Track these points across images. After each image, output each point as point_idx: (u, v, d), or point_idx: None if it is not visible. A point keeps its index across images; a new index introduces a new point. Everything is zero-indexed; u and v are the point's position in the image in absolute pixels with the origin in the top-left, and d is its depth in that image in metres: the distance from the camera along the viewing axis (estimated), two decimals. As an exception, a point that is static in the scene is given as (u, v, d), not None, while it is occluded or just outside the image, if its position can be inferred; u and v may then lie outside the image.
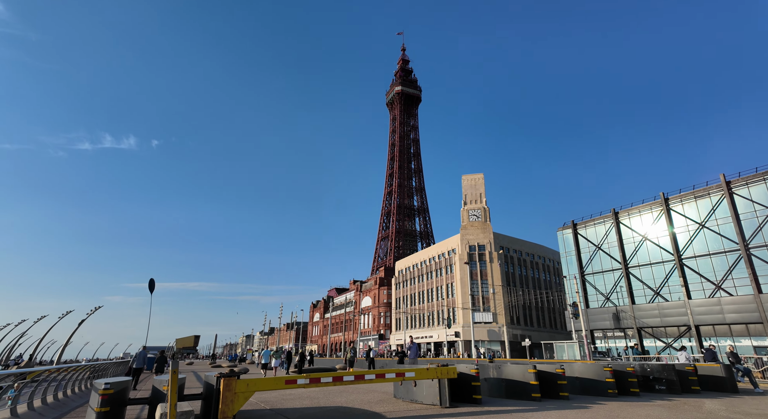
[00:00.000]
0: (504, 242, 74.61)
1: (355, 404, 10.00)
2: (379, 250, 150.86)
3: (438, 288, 77.13)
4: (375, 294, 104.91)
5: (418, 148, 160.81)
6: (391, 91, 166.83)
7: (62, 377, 13.55)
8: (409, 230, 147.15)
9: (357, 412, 8.63)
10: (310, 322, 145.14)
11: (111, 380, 7.45)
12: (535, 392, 9.70)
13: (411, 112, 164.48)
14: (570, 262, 52.78)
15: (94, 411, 6.86)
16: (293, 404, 10.26)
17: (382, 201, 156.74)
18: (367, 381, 8.13)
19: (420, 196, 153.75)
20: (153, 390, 7.86)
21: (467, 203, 77.96)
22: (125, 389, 7.77)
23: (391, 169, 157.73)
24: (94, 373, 18.88)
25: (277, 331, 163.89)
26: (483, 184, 79.04)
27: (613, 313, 45.73)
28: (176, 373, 5.67)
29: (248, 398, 7.46)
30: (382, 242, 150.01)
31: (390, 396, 11.09)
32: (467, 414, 8.13)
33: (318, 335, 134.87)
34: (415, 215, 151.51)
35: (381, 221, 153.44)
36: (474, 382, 9.34)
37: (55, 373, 12.48)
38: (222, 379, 7.35)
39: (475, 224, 75.01)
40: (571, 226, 53.65)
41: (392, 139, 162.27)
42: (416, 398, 9.71)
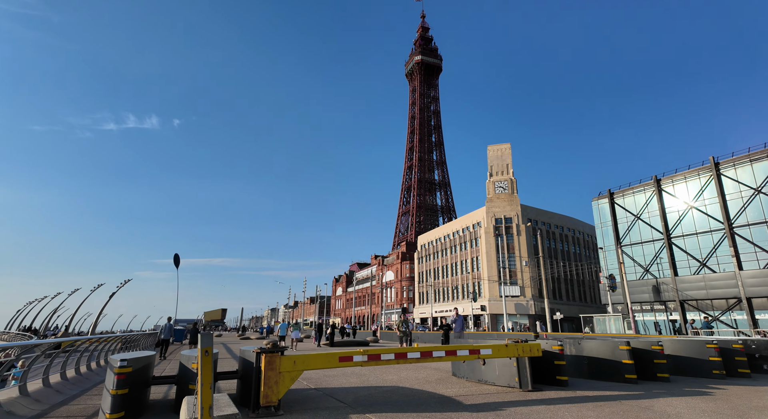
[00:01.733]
0: (532, 214, 72.01)
1: (412, 383, 8.62)
2: (399, 225, 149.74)
3: (463, 262, 75.66)
4: (397, 268, 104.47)
5: (439, 121, 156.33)
6: (410, 61, 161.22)
7: (93, 347, 13.11)
8: (431, 205, 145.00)
9: (422, 396, 7.20)
10: (332, 296, 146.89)
11: (129, 355, 6.15)
12: (629, 372, 8.07)
13: (431, 83, 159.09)
14: (606, 233, 50.18)
15: (110, 393, 5.58)
16: (339, 382, 8.96)
17: (403, 175, 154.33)
18: (436, 358, 6.63)
19: (441, 169, 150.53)
20: (180, 368, 6.57)
21: (493, 175, 75.20)
22: (147, 366, 6.48)
23: (411, 142, 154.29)
24: (126, 344, 18.26)
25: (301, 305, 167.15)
26: (510, 154, 75.87)
27: (653, 286, 43.40)
28: (209, 356, 4.24)
29: (295, 379, 6.07)
30: (403, 217, 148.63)
31: (448, 375, 9.69)
32: (561, 400, 6.59)
33: (341, 309, 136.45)
34: (437, 189, 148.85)
35: (401, 196, 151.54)
36: (557, 361, 7.77)
37: (86, 344, 12.05)
38: (263, 356, 5.96)
39: (502, 196, 72.44)
40: (607, 196, 50.73)
41: (412, 112, 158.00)
42: (485, 378, 8.23)
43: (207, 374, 4.29)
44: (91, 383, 9.98)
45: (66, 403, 7.34)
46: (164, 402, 7.17)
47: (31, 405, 6.75)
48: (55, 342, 8.61)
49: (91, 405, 7.03)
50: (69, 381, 9.11)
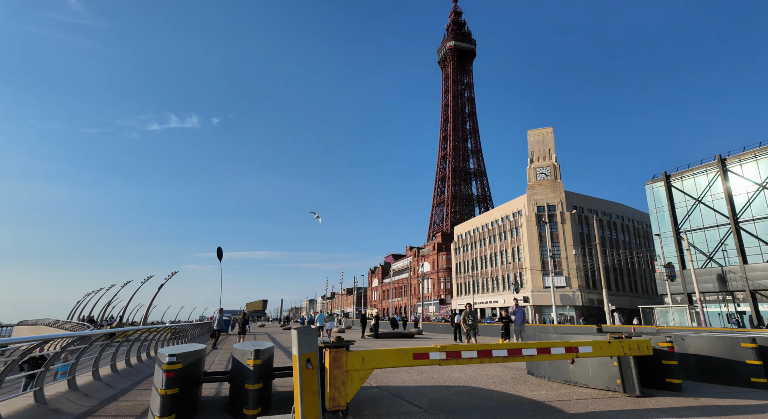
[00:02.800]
0: (577, 201, 68.50)
1: (485, 382, 7.60)
2: (434, 216, 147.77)
3: (503, 252, 73.30)
4: (434, 259, 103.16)
5: (474, 108, 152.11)
6: (443, 48, 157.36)
7: (144, 337, 13.03)
8: (466, 194, 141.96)
9: (508, 400, 6.16)
10: (369, 288, 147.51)
11: (178, 349, 5.47)
12: (756, 375, 6.67)
13: (465, 69, 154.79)
14: (662, 219, 46.70)
15: (159, 393, 4.90)
16: (402, 379, 8.06)
17: (437, 165, 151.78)
18: (526, 357, 5.56)
19: (476, 158, 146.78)
20: (233, 363, 5.85)
21: (534, 161, 72.04)
22: (198, 361, 5.80)
23: (445, 131, 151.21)
24: (175, 335, 18.28)
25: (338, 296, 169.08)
26: (552, 139, 72.35)
27: (717, 274, 39.94)
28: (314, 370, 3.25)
29: (365, 379, 5.17)
30: (438, 208, 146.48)
31: (522, 372, 8.60)
32: (687, 411, 5.35)
33: (377, 300, 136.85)
34: (472, 178, 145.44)
35: (436, 186, 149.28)
36: (667, 360, 6.50)
37: (137, 334, 11.91)
38: (327, 351, 5.09)
39: (544, 183, 69.29)
40: (662, 179, 47.11)
41: (445, 100, 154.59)
42: (574, 379, 7.07)
43: (310, 395, 3.28)
44: (142, 375, 9.63)
45: (115, 398, 6.86)
46: (216, 401, 6.52)
47: (79, 400, 6.28)
48: (107, 332, 8.26)
49: (141, 402, 6.49)
50: (119, 374, 8.74)
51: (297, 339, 2.86)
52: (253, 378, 5.20)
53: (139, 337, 12.50)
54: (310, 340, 2.89)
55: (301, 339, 2.92)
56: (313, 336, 2.80)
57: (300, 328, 2.78)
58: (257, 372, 5.24)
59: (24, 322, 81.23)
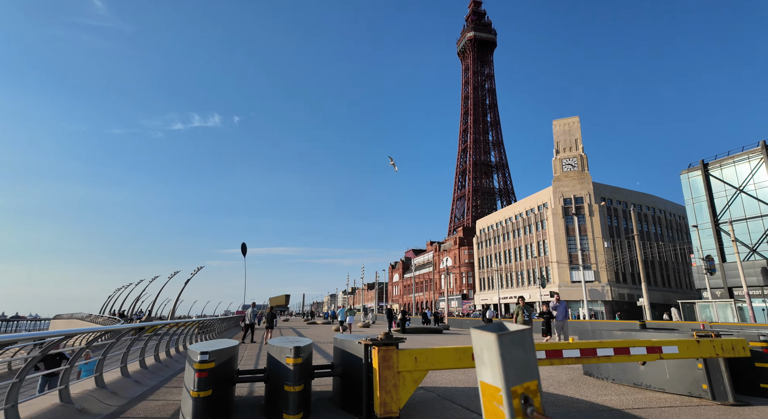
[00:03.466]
0: (605, 192, 66.14)
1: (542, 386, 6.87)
2: (455, 210, 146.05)
3: (527, 246, 71.59)
4: (455, 254, 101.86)
5: (495, 99, 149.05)
6: (462, 39, 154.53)
7: (173, 331, 12.84)
8: (487, 188, 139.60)
9: (579, 406, 5.43)
10: (389, 283, 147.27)
11: (211, 345, 4.95)
12: None
13: (485, 60, 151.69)
14: (699, 210, 44.43)
15: (191, 395, 4.39)
16: (447, 379, 7.41)
17: (457, 159, 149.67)
18: (602, 358, 4.81)
19: (498, 151, 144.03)
20: (270, 361, 5.31)
21: (560, 151, 69.88)
22: (232, 359, 5.28)
23: (465, 123, 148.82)
24: (202, 329, 18.14)
25: (359, 291, 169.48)
26: (578, 128, 70.01)
27: (762, 268, 37.71)
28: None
29: (419, 381, 4.55)
30: (459, 202, 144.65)
31: (578, 373, 7.82)
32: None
33: (398, 295, 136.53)
34: (494, 172, 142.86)
35: (456, 180, 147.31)
36: (761, 363, 5.63)
37: (164, 328, 11.67)
38: (375, 349, 4.48)
39: (570, 174, 67.14)
40: (699, 167, 44.76)
41: (465, 92, 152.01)
42: (646, 382, 6.28)
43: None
44: (171, 371, 9.29)
45: (144, 397, 6.45)
46: (251, 402, 6.02)
47: (107, 399, 5.88)
48: (134, 326, 7.91)
49: (171, 402, 6.05)
50: (148, 370, 8.39)
51: (499, 355, 1.27)
52: (293, 379, 4.64)
53: (167, 331, 12.30)
54: (526, 359, 1.28)
55: (509, 355, 1.29)
56: (529, 350, 1.30)
57: (501, 332, 1.31)
58: (298, 372, 4.68)
59: (59, 316, 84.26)
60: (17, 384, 4.10)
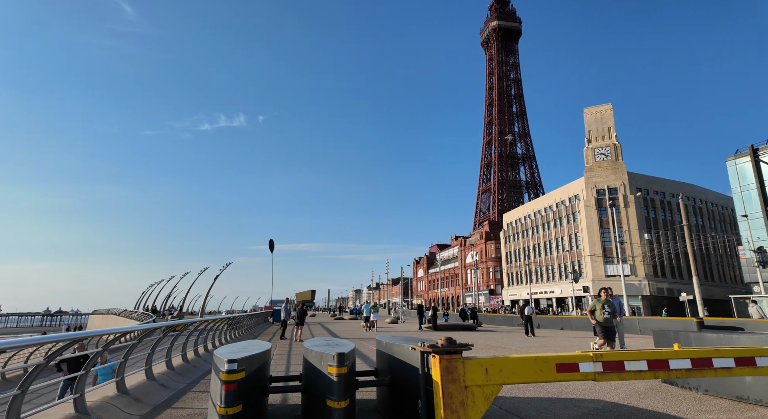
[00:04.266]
0: (642, 182, 63.09)
1: (617, 395, 5.92)
2: (480, 204, 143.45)
3: (558, 240, 69.21)
4: (481, 249, 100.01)
5: (520, 89, 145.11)
6: (486, 28, 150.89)
7: (204, 326, 12.50)
8: (514, 181, 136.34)
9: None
10: (414, 278, 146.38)
11: (239, 351, 4.23)
12: None
13: (510, 49, 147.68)
14: (748, 198, 41.56)
15: (218, 412, 3.68)
16: (524, 393, 6.53)
17: (481, 151, 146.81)
18: (719, 371, 3.84)
19: (524, 142, 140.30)
20: (307, 368, 4.59)
21: (592, 141, 67.10)
22: (264, 365, 4.57)
23: (490, 115, 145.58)
24: (231, 326, 17.81)
25: (384, 287, 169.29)
26: (612, 116, 66.98)
27: (822, 261, 34.82)
28: None
29: (491, 399, 3.69)
30: (484, 195, 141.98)
31: (656, 381, 6.80)
32: None
33: (423, 290, 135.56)
34: (520, 164, 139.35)
35: (481, 173, 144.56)
36: None
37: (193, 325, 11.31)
38: (436, 359, 3.65)
39: (604, 164, 64.36)
40: (749, 153, 41.76)
41: (489, 83, 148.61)
42: (754, 396, 5.22)
43: None
44: (200, 372, 8.78)
45: (170, 404, 5.87)
46: (285, 412, 5.31)
47: (128, 407, 5.30)
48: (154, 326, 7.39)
49: (198, 411, 5.42)
50: (175, 371, 7.87)
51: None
52: (337, 393, 3.87)
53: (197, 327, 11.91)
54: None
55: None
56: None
57: None
58: (342, 384, 3.90)
59: (97, 311, 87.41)
60: (19, 397, 3.49)
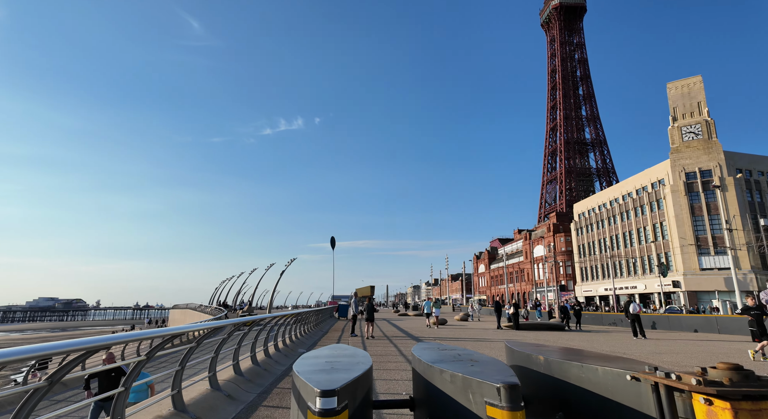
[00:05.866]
0: (742, 162, 55.14)
1: None
2: (545, 195, 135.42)
3: (640, 230, 62.65)
4: (549, 242, 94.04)
5: (587, 70, 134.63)
6: (546, 8, 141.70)
7: (274, 322, 11.61)
8: (583, 168, 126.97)
9: None
10: (474, 274, 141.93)
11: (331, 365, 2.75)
12: None
13: (573, 28, 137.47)
14: None
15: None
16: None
17: (545, 139, 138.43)
18: None
19: (594, 126, 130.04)
20: (420, 383, 3.04)
21: (678, 118, 59.79)
22: (369, 392, 3.05)
23: (553, 99, 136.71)
24: (298, 322, 16.99)
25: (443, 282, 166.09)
26: (702, 89, 59.20)
27: None
28: None
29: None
30: (549, 185, 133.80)
31: None
32: None
33: (485, 286, 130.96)
34: (589, 150, 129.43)
35: (545, 162, 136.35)
36: None
37: (261, 323, 10.33)
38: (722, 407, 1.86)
39: (693, 144, 57.07)
40: None
41: (551, 65, 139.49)
42: None
43: None
44: (271, 377, 7.64)
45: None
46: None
47: (188, 429, 4.09)
48: (239, 321, 6.34)
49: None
50: (244, 377, 6.74)
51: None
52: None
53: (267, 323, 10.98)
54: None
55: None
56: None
57: None
58: None
59: (177, 306, 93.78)
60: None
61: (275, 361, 9.24)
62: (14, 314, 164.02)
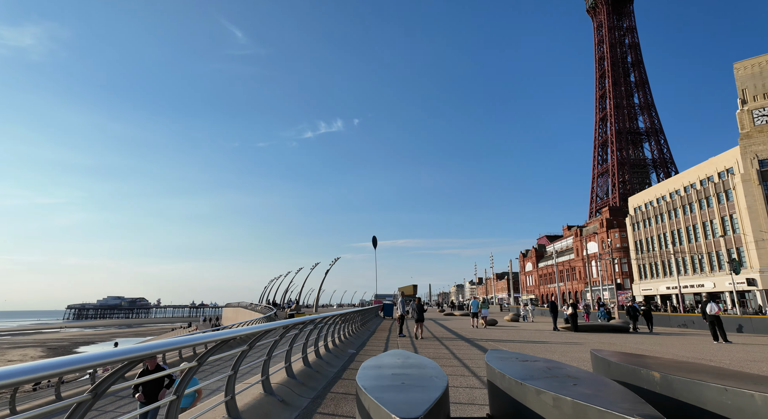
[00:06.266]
0: (827, 146, 49.30)
1: None
2: (596, 189, 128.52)
3: (706, 224, 57.72)
4: (602, 238, 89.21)
5: (639, 55, 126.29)
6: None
7: (324, 322, 11.50)
8: (637, 160, 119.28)
9: None
10: (521, 272, 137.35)
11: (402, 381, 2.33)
12: None
13: (623, 11, 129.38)
14: None
15: None
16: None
17: (594, 130, 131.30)
18: None
19: (648, 114, 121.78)
20: (502, 399, 2.55)
21: (748, 101, 54.61)
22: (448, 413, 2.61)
23: (602, 88, 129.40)
24: (345, 322, 16.83)
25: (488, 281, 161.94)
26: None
27: None
28: None
29: None
30: (600, 179, 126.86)
31: None
32: None
33: (533, 285, 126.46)
34: (644, 140, 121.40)
35: (595, 154, 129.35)
36: None
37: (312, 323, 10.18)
38: None
39: (767, 128, 51.84)
40: None
41: (599, 52, 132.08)
42: None
43: None
44: (323, 379, 7.40)
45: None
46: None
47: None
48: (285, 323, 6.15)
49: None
50: (296, 380, 6.52)
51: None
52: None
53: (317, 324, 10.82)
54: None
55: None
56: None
57: None
58: None
59: (229, 304, 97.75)
60: None
61: (326, 363, 9.02)
62: (87, 311, 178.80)
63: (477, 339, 15.31)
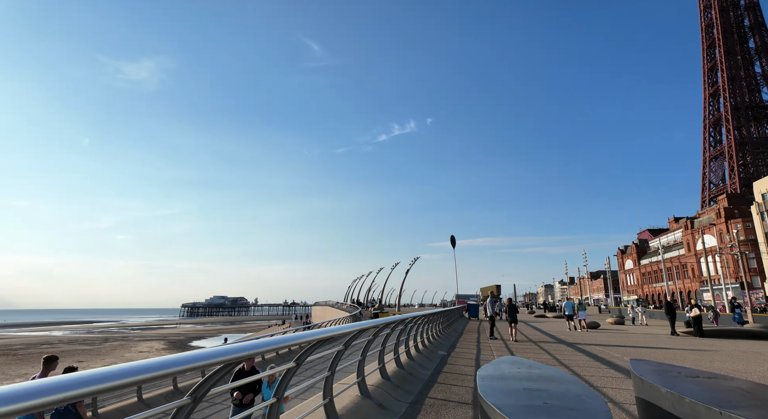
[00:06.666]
0: None
1: None
2: (708, 175, 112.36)
3: None
4: (720, 230, 77.62)
5: (758, 16, 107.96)
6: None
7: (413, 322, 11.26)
8: (761, 138, 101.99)
9: None
10: (620, 270, 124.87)
11: (556, 411, 1.82)
12: None
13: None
14: None
15: None
16: None
17: (703, 108, 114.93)
18: None
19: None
20: None
21: None
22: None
23: (711, 60, 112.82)
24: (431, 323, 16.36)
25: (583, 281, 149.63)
26: None
27: None
28: None
29: None
30: (713, 163, 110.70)
31: None
32: None
33: (634, 285, 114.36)
34: None
35: (705, 136, 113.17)
36: None
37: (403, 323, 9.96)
38: None
39: None
40: None
41: (706, 19, 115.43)
42: None
43: None
44: (418, 382, 7.01)
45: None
46: None
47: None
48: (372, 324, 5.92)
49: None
50: (391, 383, 6.22)
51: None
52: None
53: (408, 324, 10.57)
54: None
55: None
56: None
57: None
58: None
59: (318, 303, 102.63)
60: None
61: (418, 364, 8.65)
62: (198, 309, 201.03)
63: (580, 343, 13.84)
